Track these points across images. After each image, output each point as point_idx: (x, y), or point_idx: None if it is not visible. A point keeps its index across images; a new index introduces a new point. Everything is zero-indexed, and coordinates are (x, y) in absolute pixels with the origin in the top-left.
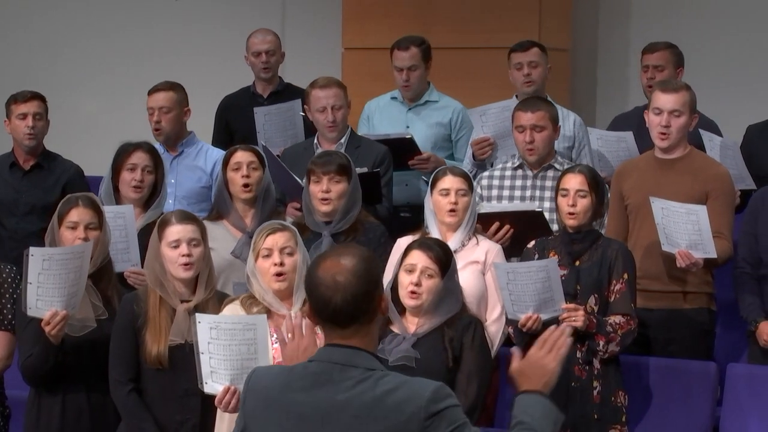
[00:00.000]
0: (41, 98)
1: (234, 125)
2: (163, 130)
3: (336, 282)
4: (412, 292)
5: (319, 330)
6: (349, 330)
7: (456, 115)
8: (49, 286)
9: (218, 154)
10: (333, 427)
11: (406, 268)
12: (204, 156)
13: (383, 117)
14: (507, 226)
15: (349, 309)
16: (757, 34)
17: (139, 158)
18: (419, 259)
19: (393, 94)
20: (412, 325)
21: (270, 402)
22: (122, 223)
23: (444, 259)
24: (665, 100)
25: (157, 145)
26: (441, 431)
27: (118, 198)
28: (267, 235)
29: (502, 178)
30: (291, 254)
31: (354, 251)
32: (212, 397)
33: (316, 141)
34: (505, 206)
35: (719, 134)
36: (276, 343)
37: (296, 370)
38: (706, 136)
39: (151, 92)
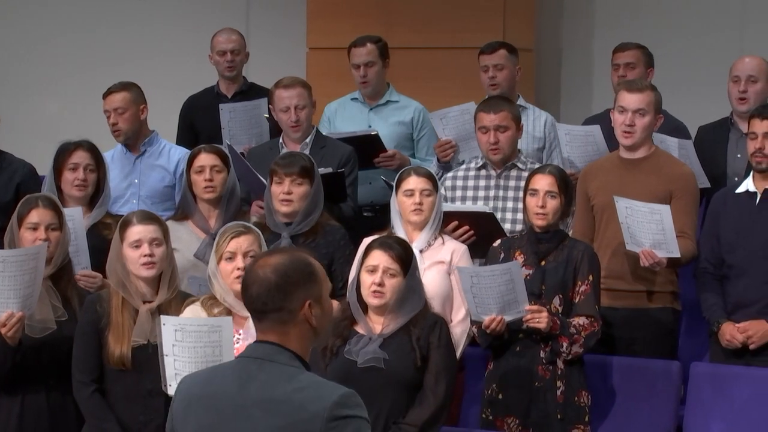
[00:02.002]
0: None
1: (198, 125)
2: (121, 130)
3: (256, 274)
4: (375, 291)
5: None
6: (264, 324)
7: (417, 115)
8: (3, 288)
9: (181, 152)
10: (243, 421)
11: (367, 268)
12: (167, 155)
13: (345, 118)
14: (466, 227)
15: (260, 300)
16: (718, 35)
17: (80, 157)
18: (380, 259)
19: (353, 95)
20: (378, 325)
21: (191, 399)
22: (71, 227)
23: (405, 258)
24: (630, 99)
25: (120, 146)
26: None
27: (61, 198)
28: (231, 239)
29: (465, 178)
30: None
31: (289, 253)
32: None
33: (281, 141)
34: (458, 207)
35: (688, 137)
36: (238, 342)
37: (220, 367)
38: (657, 138)
39: (105, 95)
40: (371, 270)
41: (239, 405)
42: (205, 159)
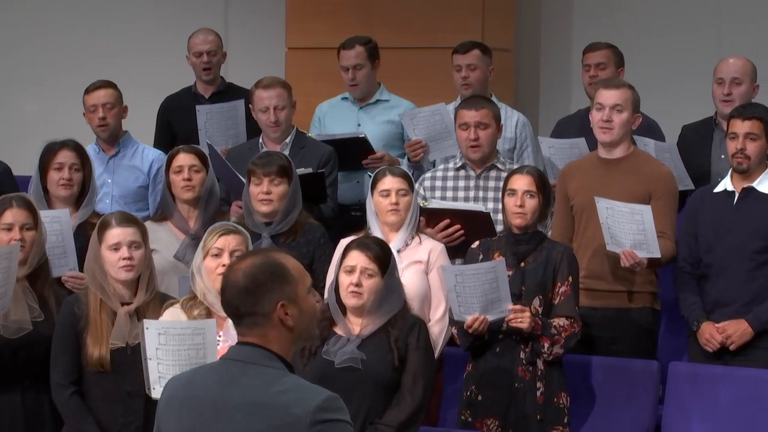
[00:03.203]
0: None
1: (176, 126)
2: (109, 125)
3: (228, 278)
4: (353, 292)
5: None
6: (242, 327)
7: None
8: None
9: (155, 153)
10: (224, 424)
11: (345, 269)
12: (140, 155)
13: (335, 117)
14: (458, 225)
15: (232, 304)
16: (695, 35)
17: (65, 157)
18: (358, 259)
19: (344, 95)
20: (356, 326)
21: (174, 400)
22: (58, 228)
23: (383, 258)
24: (607, 96)
25: (93, 145)
26: None
27: (48, 199)
28: (220, 236)
29: (444, 178)
30: None
31: (262, 255)
32: (156, 400)
33: (261, 141)
34: (454, 204)
35: (661, 135)
36: (219, 344)
37: (204, 367)
38: (640, 141)
39: (90, 90)
40: (349, 270)
41: (220, 408)
42: (184, 159)
